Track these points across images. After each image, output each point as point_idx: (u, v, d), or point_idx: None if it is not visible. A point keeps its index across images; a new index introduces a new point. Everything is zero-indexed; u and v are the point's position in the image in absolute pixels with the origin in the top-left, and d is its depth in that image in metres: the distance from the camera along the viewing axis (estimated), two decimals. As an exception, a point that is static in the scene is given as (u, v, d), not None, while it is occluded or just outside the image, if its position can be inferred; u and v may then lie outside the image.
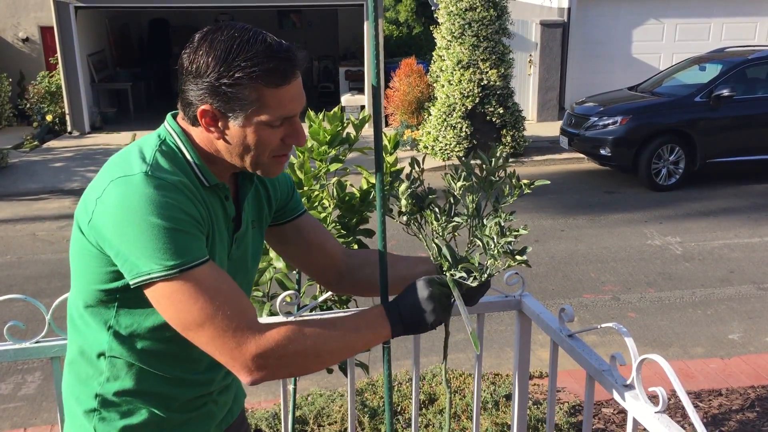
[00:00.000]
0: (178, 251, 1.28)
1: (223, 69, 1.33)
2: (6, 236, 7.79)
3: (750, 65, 9.41)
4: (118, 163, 1.37)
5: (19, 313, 5.31)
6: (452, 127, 10.54)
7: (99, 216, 1.32)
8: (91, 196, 1.36)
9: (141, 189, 1.29)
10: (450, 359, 4.67)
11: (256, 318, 1.35)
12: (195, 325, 1.29)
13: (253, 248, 1.60)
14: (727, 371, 4.35)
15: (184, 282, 1.28)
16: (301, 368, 1.39)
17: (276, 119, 1.38)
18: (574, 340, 1.93)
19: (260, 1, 13.20)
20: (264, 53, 1.34)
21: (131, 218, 1.27)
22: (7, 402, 4.29)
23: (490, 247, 1.56)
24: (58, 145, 12.26)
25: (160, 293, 1.30)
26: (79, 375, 1.48)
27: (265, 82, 1.34)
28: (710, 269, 6.34)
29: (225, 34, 1.35)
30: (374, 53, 1.55)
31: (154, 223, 1.27)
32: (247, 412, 3.88)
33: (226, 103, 1.35)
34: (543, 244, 7.11)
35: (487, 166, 1.63)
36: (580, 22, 13.31)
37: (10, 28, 14.25)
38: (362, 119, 2.38)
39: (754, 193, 8.85)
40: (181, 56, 1.39)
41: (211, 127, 1.39)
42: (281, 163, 1.46)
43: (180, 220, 1.30)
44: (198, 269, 1.30)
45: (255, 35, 1.36)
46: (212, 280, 1.31)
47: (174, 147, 1.42)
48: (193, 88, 1.36)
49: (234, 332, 1.29)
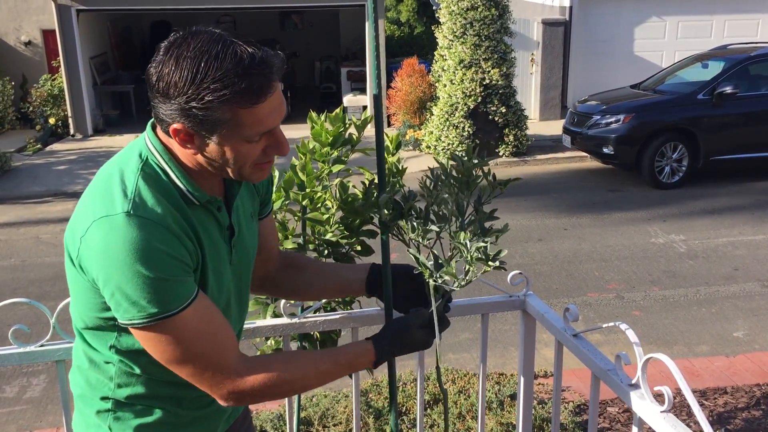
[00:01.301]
0: (161, 300, 1.28)
1: (192, 92, 1.25)
2: (10, 239, 7.81)
3: (752, 62, 9.39)
4: (101, 196, 1.32)
5: (24, 317, 5.31)
6: (455, 127, 10.54)
7: (84, 257, 1.31)
8: (76, 229, 1.33)
9: (124, 233, 1.26)
10: (455, 359, 4.66)
11: (237, 354, 1.39)
12: (176, 362, 1.35)
13: (252, 242, 1.60)
14: (732, 369, 4.34)
15: (166, 327, 1.30)
16: (280, 397, 1.49)
17: (254, 135, 1.32)
18: (579, 340, 1.92)
19: (262, 2, 13.21)
20: (235, 71, 1.24)
21: (114, 265, 1.26)
22: (12, 405, 4.30)
23: (463, 253, 1.56)
24: (61, 148, 12.28)
25: (143, 335, 1.33)
26: (89, 380, 1.48)
27: (238, 104, 1.26)
28: (714, 267, 6.33)
29: (191, 49, 1.26)
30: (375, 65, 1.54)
31: (138, 272, 1.26)
32: (252, 413, 3.88)
33: (199, 124, 1.29)
34: (547, 243, 7.10)
35: (460, 166, 1.62)
36: (582, 20, 13.29)
37: (12, 31, 14.27)
38: (364, 120, 2.37)
39: (757, 190, 8.83)
40: (148, 70, 1.31)
41: (186, 143, 1.33)
42: (265, 169, 1.41)
43: (164, 267, 1.28)
44: (181, 314, 1.30)
45: (224, 48, 1.26)
46: (196, 322, 1.32)
47: (157, 168, 1.36)
48: (161, 107, 1.30)
49: (213, 373, 1.36)
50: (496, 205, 1.66)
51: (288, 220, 2.37)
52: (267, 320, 2.19)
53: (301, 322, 2.13)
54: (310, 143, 2.39)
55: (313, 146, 2.38)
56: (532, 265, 6.46)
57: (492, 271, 1.55)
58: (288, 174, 2.33)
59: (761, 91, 9.35)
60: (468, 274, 1.57)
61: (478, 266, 1.57)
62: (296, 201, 2.33)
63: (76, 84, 12.87)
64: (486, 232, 1.58)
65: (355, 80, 14.54)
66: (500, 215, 1.67)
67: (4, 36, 14.27)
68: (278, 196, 2.30)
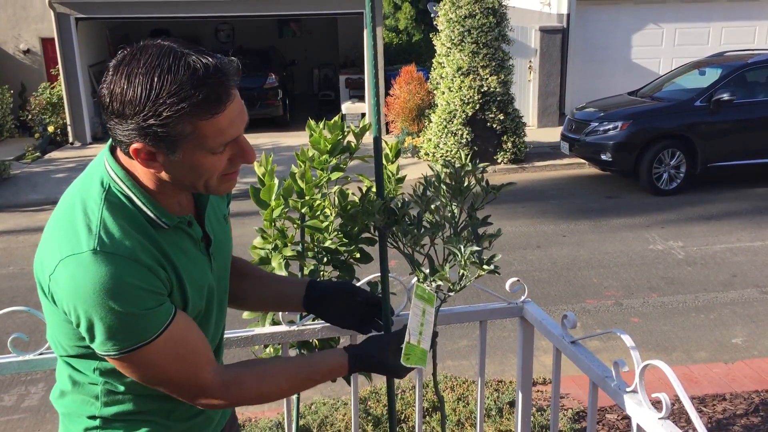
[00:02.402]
0: (135, 333, 1.29)
1: (148, 109, 1.21)
2: (9, 247, 7.80)
3: (750, 69, 9.42)
4: (65, 232, 1.29)
5: (22, 325, 5.31)
6: (453, 134, 10.56)
7: (55, 293, 1.29)
8: (45, 265, 1.31)
9: (92, 272, 1.24)
10: (453, 366, 4.66)
11: (213, 368, 1.41)
12: (156, 383, 1.39)
13: (227, 245, 1.59)
14: (730, 376, 4.34)
15: (141, 355, 1.31)
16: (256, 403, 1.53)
17: (218, 146, 1.28)
18: (577, 347, 1.93)
19: (260, 10, 13.24)
20: (190, 83, 1.20)
21: (86, 303, 1.25)
22: (10, 414, 4.29)
23: (457, 257, 1.57)
24: (60, 156, 12.29)
25: (120, 364, 1.34)
26: (74, 400, 1.47)
27: (197, 116, 1.22)
28: (713, 273, 6.34)
29: (142, 65, 1.21)
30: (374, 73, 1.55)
31: (110, 309, 1.24)
32: (250, 421, 3.88)
33: (160, 141, 1.24)
34: (545, 249, 7.11)
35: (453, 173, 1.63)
36: (580, 27, 13.33)
37: (11, 39, 14.30)
38: (363, 128, 2.38)
39: (755, 197, 8.84)
40: (100, 90, 1.27)
41: (149, 162, 1.29)
42: (231, 180, 1.38)
43: (136, 301, 1.26)
44: (155, 342, 1.31)
45: (176, 60, 1.21)
46: (170, 345, 1.33)
47: (120, 195, 1.32)
48: (118, 128, 1.25)
49: (188, 390, 1.40)
50: (495, 212, 1.67)
51: (287, 228, 2.38)
52: (266, 328, 2.19)
53: (300, 329, 2.13)
54: (309, 151, 2.40)
55: (312, 154, 2.39)
56: (530, 271, 6.47)
57: (487, 275, 1.56)
58: (287, 182, 2.34)
59: (758, 97, 9.38)
60: (462, 279, 1.58)
61: (472, 270, 1.58)
62: (295, 208, 2.33)
63: (75, 92, 12.88)
64: (479, 237, 1.59)
65: (354, 88, 14.57)
66: (498, 222, 1.68)
67: (3, 44, 14.30)
68: (277, 203, 2.30)
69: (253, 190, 2.34)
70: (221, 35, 17.86)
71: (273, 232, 2.36)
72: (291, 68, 16.91)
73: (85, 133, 13.15)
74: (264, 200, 2.32)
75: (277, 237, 2.35)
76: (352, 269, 2.40)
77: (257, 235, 2.39)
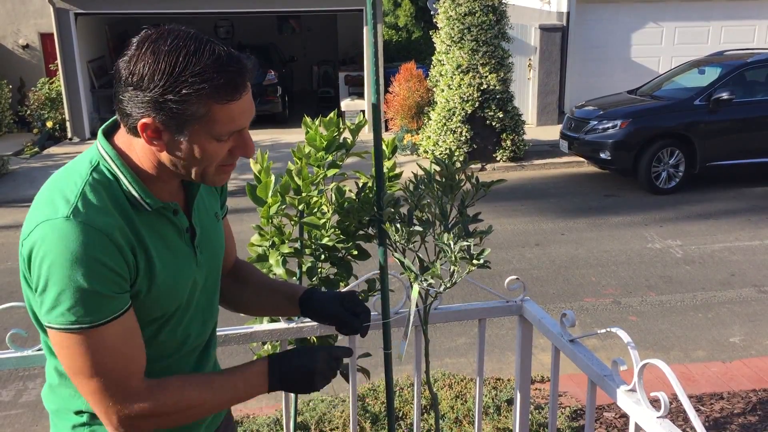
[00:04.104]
0: (86, 311, 1.26)
1: (169, 84, 1.24)
2: (7, 243, 7.80)
3: (749, 68, 9.42)
4: (45, 202, 1.31)
5: (20, 320, 5.30)
6: (452, 132, 10.55)
7: (23, 259, 1.30)
8: (24, 232, 1.32)
9: (63, 238, 1.24)
10: (452, 364, 4.66)
11: (142, 380, 1.35)
12: (79, 376, 1.31)
13: (218, 242, 1.58)
14: (728, 375, 4.35)
15: (80, 338, 1.28)
16: (173, 424, 1.40)
17: (225, 133, 1.32)
18: (576, 345, 1.93)
19: (259, 6, 13.23)
20: (213, 67, 1.26)
21: (49, 267, 1.25)
22: (8, 409, 4.29)
23: (447, 253, 1.56)
24: (59, 151, 12.27)
25: (58, 340, 1.29)
26: (62, 395, 1.46)
27: (214, 99, 1.27)
28: (711, 272, 6.34)
29: (169, 44, 1.26)
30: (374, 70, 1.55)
31: (70, 278, 1.24)
32: (248, 418, 3.88)
33: (171, 119, 1.27)
34: (543, 247, 7.11)
35: (444, 170, 1.63)
36: (579, 26, 13.33)
37: (10, 34, 14.27)
38: (358, 124, 2.38)
39: (754, 196, 8.85)
40: (118, 63, 1.30)
41: (153, 140, 1.31)
42: (227, 172, 1.41)
43: (98, 279, 1.26)
44: (100, 329, 1.28)
45: (202, 45, 1.27)
46: (113, 339, 1.30)
47: (107, 173, 1.34)
48: (132, 100, 1.27)
49: (112, 394, 1.31)
50: (493, 210, 1.67)
51: (284, 225, 2.38)
52: (264, 325, 2.19)
53: (299, 326, 2.13)
54: (305, 148, 2.40)
55: (308, 151, 2.38)
56: (528, 270, 6.47)
57: (486, 274, 1.56)
58: (284, 178, 2.33)
59: (757, 97, 9.38)
60: (453, 275, 1.58)
61: (463, 266, 1.58)
62: (292, 205, 2.33)
63: (74, 87, 12.87)
64: (470, 233, 1.59)
65: (353, 85, 14.55)
66: (497, 220, 1.68)
67: (2, 39, 14.27)
68: (275, 200, 2.30)
69: (250, 187, 2.33)
70: (220, 31, 17.84)
71: (270, 229, 2.35)
72: (290, 65, 16.90)
73: (84, 128, 13.13)
74: (261, 197, 2.31)
75: (274, 234, 2.35)
76: (349, 266, 2.39)
77: (254, 232, 2.39)
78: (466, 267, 1.59)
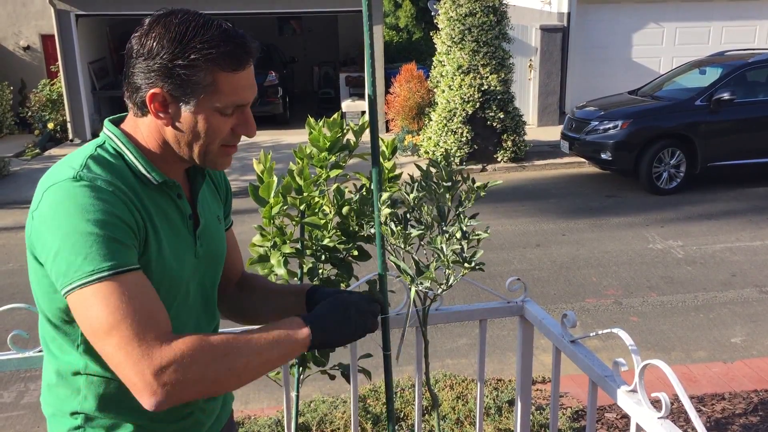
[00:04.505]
0: (99, 257, 1.24)
1: (178, 50, 1.30)
2: (8, 244, 7.80)
3: (750, 68, 9.42)
4: (51, 174, 1.34)
5: (22, 322, 5.31)
6: (453, 132, 10.55)
7: (35, 228, 1.29)
8: (31, 210, 1.33)
9: (69, 193, 1.26)
10: (453, 364, 4.66)
11: (170, 332, 1.28)
12: (103, 331, 1.23)
13: (220, 244, 1.58)
14: (729, 375, 4.34)
15: (99, 287, 1.23)
16: (212, 384, 1.28)
17: (229, 106, 1.36)
18: (577, 346, 1.93)
19: (260, 7, 13.23)
20: (220, 37, 1.33)
21: (58, 225, 1.25)
22: (10, 410, 4.29)
23: (441, 256, 1.56)
24: (60, 152, 12.28)
25: (77, 299, 1.25)
26: (58, 396, 1.44)
27: (221, 66, 1.32)
28: (712, 273, 6.34)
29: (179, 18, 1.34)
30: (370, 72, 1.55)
31: (79, 228, 1.24)
32: (249, 419, 3.88)
33: (179, 87, 1.32)
34: (545, 248, 7.10)
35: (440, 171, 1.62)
36: (580, 26, 13.33)
37: (11, 36, 14.29)
38: (362, 125, 2.38)
39: (755, 196, 8.84)
40: (130, 40, 1.35)
41: (160, 112, 1.35)
42: (229, 154, 1.43)
43: (110, 226, 1.26)
44: (117, 277, 1.24)
45: (210, 20, 1.35)
46: (130, 288, 1.25)
47: (114, 149, 1.38)
48: (143, 70, 1.33)
49: (140, 342, 1.22)
50: (495, 210, 1.67)
51: (286, 225, 2.38)
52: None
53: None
54: (307, 148, 2.40)
55: (310, 151, 2.38)
56: (530, 270, 6.46)
57: (487, 275, 1.56)
58: (286, 179, 2.34)
59: (759, 97, 9.37)
60: (449, 279, 1.58)
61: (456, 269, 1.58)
62: (294, 206, 2.33)
63: (75, 89, 12.88)
64: (466, 236, 1.59)
65: (354, 85, 14.56)
66: (498, 220, 1.68)
67: (3, 41, 14.28)
68: (276, 201, 2.30)
69: (252, 187, 2.33)
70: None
71: (272, 229, 2.35)
72: (291, 66, 16.90)
73: (85, 129, 13.14)
74: (263, 197, 2.32)
75: (276, 234, 2.35)
76: (350, 267, 2.40)
77: (256, 232, 2.39)
78: (460, 270, 1.59)
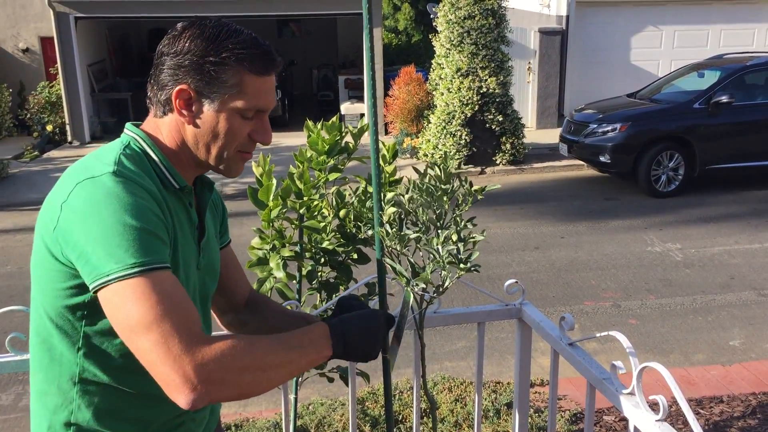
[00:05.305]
0: (142, 251, 1.23)
1: (212, 47, 1.36)
2: (6, 246, 7.80)
3: (748, 72, 9.43)
4: (82, 169, 1.33)
5: (20, 324, 5.30)
6: (452, 135, 10.56)
7: (65, 220, 1.27)
8: (55, 202, 1.31)
9: (109, 187, 1.27)
10: (451, 367, 4.66)
11: (203, 330, 1.29)
12: (141, 327, 1.21)
13: (217, 260, 1.58)
14: (728, 378, 4.35)
15: (140, 281, 1.22)
16: (247, 385, 1.27)
17: (251, 108, 1.40)
18: (575, 349, 1.93)
19: (259, 10, 13.24)
20: (251, 42, 1.39)
21: (98, 216, 1.24)
22: (8, 413, 4.28)
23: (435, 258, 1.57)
24: (59, 155, 12.28)
25: (114, 291, 1.22)
26: (48, 405, 1.41)
27: (248, 68, 1.37)
28: (711, 276, 6.34)
29: (212, 22, 1.40)
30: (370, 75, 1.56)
31: (121, 221, 1.23)
32: (248, 421, 3.88)
33: (207, 84, 1.37)
34: (543, 251, 7.11)
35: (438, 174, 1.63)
36: (579, 29, 13.34)
37: (11, 38, 14.29)
38: (361, 128, 2.38)
39: (753, 199, 8.85)
40: (161, 42, 1.41)
41: (183, 110, 1.38)
42: (244, 160, 1.47)
43: (148, 221, 1.27)
44: (157, 272, 1.24)
45: (241, 28, 1.42)
46: (168, 285, 1.24)
47: (138, 150, 1.40)
48: (172, 67, 1.37)
49: (181, 338, 1.20)
50: (493, 213, 1.67)
51: (285, 228, 2.38)
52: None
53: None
54: (307, 152, 2.40)
55: (310, 155, 2.39)
56: (528, 273, 6.47)
57: (486, 278, 1.56)
58: (285, 182, 2.34)
59: (757, 100, 9.39)
60: (445, 281, 1.58)
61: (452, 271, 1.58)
62: (293, 209, 2.34)
63: (74, 91, 12.87)
64: (463, 239, 1.59)
65: (353, 88, 14.56)
66: (497, 223, 1.68)
67: (2, 43, 14.28)
68: (275, 204, 2.30)
69: (251, 190, 2.34)
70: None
71: (271, 232, 2.36)
72: (290, 68, 16.91)
73: (84, 132, 13.13)
74: (262, 200, 2.32)
75: (275, 237, 2.35)
76: (349, 270, 2.40)
77: (255, 235, 2.39)
78: (455, 272, 1.59)
